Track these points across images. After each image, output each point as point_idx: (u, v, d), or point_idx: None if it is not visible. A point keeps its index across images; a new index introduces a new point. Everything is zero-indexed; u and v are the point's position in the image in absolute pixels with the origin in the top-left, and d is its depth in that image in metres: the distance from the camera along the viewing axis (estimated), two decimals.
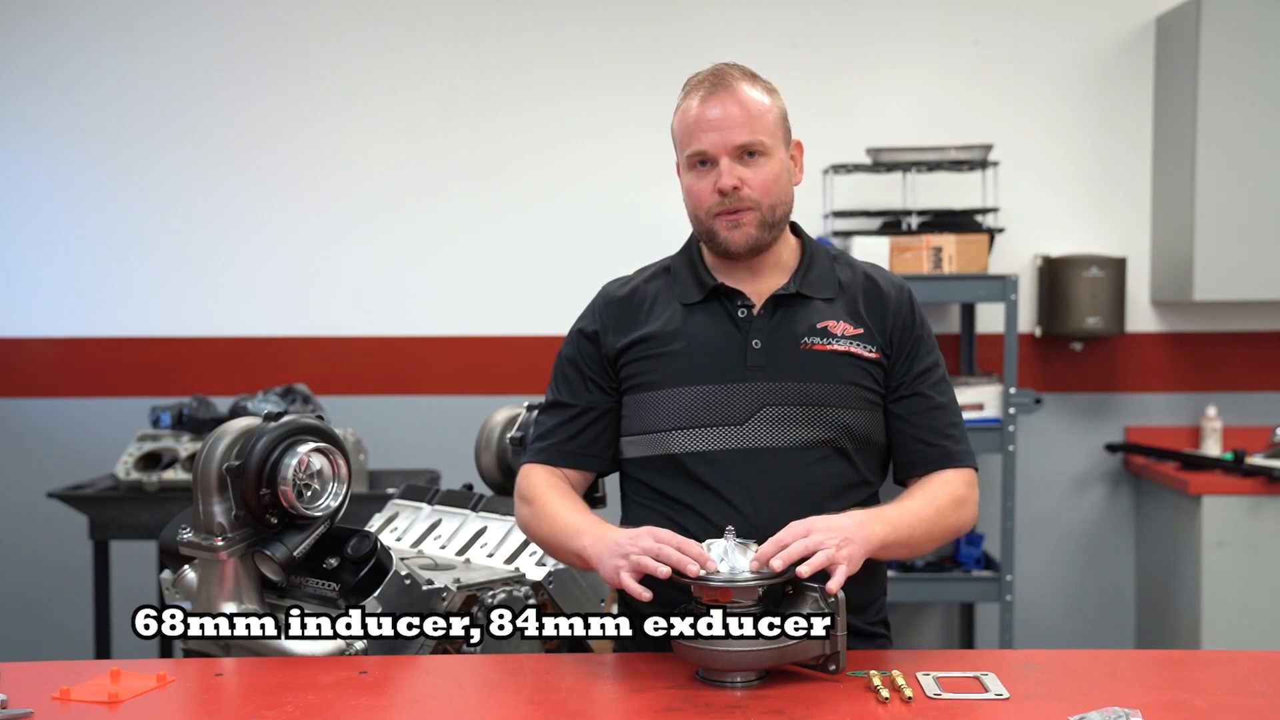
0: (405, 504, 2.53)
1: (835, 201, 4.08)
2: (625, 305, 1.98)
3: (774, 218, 1.89)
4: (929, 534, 1.84)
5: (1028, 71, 4.21)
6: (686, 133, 1.88)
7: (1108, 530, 4.30)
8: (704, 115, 1.86)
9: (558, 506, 1.89)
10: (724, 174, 1.85)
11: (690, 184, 1.90)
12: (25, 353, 4.33)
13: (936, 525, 1.86)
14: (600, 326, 1.97)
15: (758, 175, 1.86)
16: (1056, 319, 4.10)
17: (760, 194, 1.86)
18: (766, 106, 1.88)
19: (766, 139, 1.86)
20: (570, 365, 2.00)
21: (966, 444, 1.95)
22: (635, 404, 1.94)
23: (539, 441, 2.01)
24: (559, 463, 1.98)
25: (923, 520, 1.83)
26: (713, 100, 1.86)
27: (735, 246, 1.88)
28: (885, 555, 1.79)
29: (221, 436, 1.93)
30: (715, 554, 1.66)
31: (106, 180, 4.31)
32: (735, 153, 1.85)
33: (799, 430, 1.87)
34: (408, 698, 1.67)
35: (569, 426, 1.98)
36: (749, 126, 1.85)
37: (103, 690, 1.64)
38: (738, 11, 4.22)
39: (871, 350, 1.91)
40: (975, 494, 1.94)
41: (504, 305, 4.29)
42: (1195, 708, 1.55)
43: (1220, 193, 3.91)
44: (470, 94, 4.26)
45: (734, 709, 1.55)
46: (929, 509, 1.85)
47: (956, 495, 1.90)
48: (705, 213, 1.89)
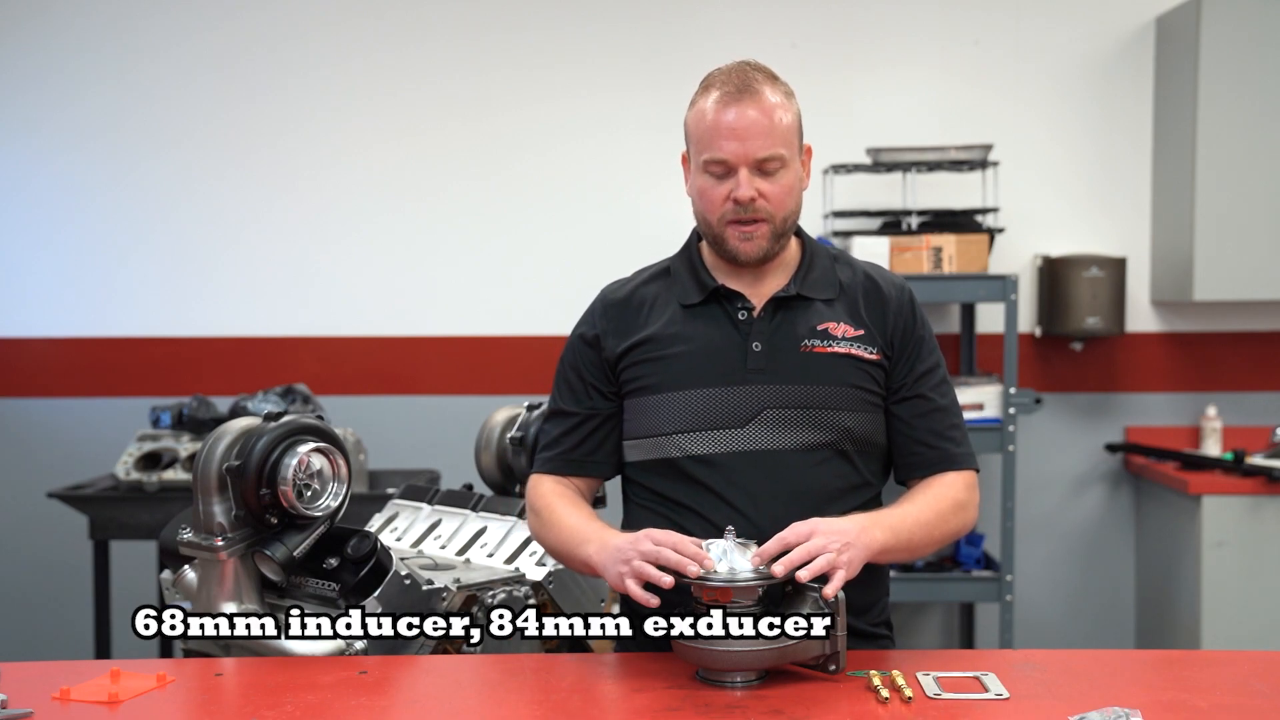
0: (405, 504, 2.53)
1: (835, 201, 4.08)
2: (624, 308, 1.97)
3: (784, 229, 1.89)
4: (929, 538, 1.84)
5: (1028, 71, 4.21)
6: (705, 135, 1.84)
7: (1108, 530, 4.30)
8: (725, 120, 1.81)
9: (563, 515, 1.89)
10: (743, 185, 1.82)
11: (705, 188, 1.87)
12: (25, 353, 4.33)
13: (937, 529, 1.85)
14: (600, 331, 1.97)
15: (775, 188, 1.84)
16: (1056, 319, 4.10)
17: (776, 207, 1.85)
18: (787, 114, 1.84)
19: (785, 151, 1.83)
20: (572, 372, 1.99)
21: (968, 445, 1.95)
22: (636, 408, 1.94)
23: (545, 451, 2.00)
24: (565, 472, 1.98)
25: (923, 525, 1.83)
26: (736, 105, 1.81)
27: (745, 257, 1.88)
28: (885, 559, 1.79)
29: (221, 436, 1.93)
30: (715, 554, 1.66)
31: (106, 180, 4.31)
32: (754, 165, 1.82)
33: (800, 433, 1.87)
34: (408, 698, 1.67)
35: (573, 435, 1.97)
36: (770, 139, 1.81)
37: (103, 690, 1.64)
38: (737, 11, 4.22)
39: (872, 352, 1.90)
40: (976, 496, 1.93)
41: (504, 305, 4.29)
42: (1195, 708, 1.55)
43: (1220, 193, 3.91)
44: (470, 94, 4.26)
45: (734, 709, 1.55)
46: (929, 513, 1.85)
47: (957, 499, 1.89)
48: (717, 219, 1.87)
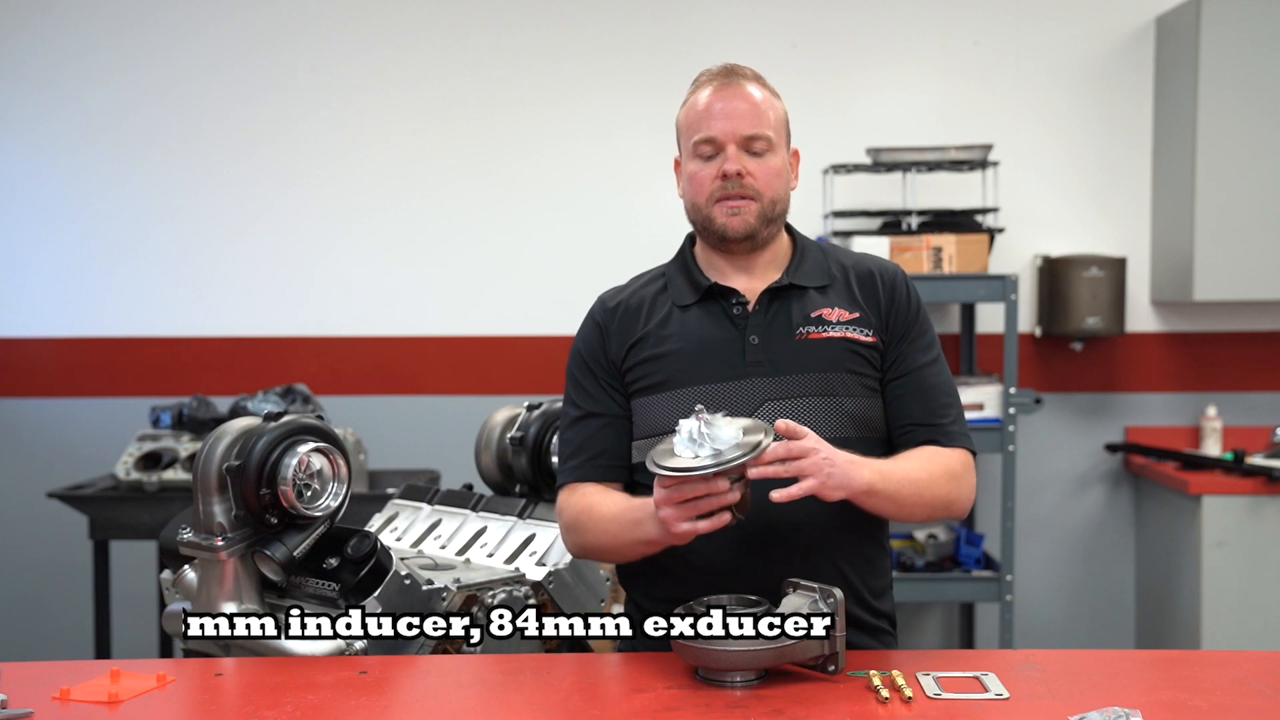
0: (405, 504, 2.53)
1: (835, 201, 4.08)
2: (623, 311, 1.98)
3: (773, 213, 1.92)
4: (918, 497, 1.82)
5: (1028, 71, 4.21)
6: (694, 121, 1.91)
7: (1108, 530, 4.30)
8: (714, 105, 1.89)
9: (603, 514, 1.87)
10: (730, 159, 1.88)
11: (694, 171, 1.92)
12: (25, 353, 4.33)
13: (927, 490, 1.83)
14: (603, 334, 1.98)
15: (762, 168, 1.89)
16: (1056, 319, 4.10)
17: (763, 186, 1.89)
18: (773, 106, 1.92)
19: (772, 134, 1.90)
20: (585, 374, 1.99)
21: (963, 426, 1.94)
22: (640, 408, 1.94)
23: (570, 460, 1.98)
24: (594, 478, 1.95)
25: (912, 481, 1.82)
26: (724, 92, 1.89)
27: (732, 232, 1.90)
28: (869, 503, 1.78)
29: (221, 436, 1.93)
30: (683, 437, 1.65)
31: (106, 180, 4.31)
32: (742, 143, 1.88)
33: (801, 422, 1.87)
34: (408, 698, 1.67)
35: (597, 439, 1.96)
36: (758, 120, 1.89)
37: (103, 690, 1.64)
38: (738, 11, 4.22)
39: (868, 334, 1.92)
40: (972, 476, 1.92)
41: (504, 305, 4.28)
42: (1195, 708, 1.55)
43: (1220, 193, 3.91)
44: (470, 94, 4.26)
45: (734, 709, 1.55)
46: (921, 473, 1.84)
47: (951, 468, 1.88)
48: (705, 199, 1.90)
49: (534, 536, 2.28)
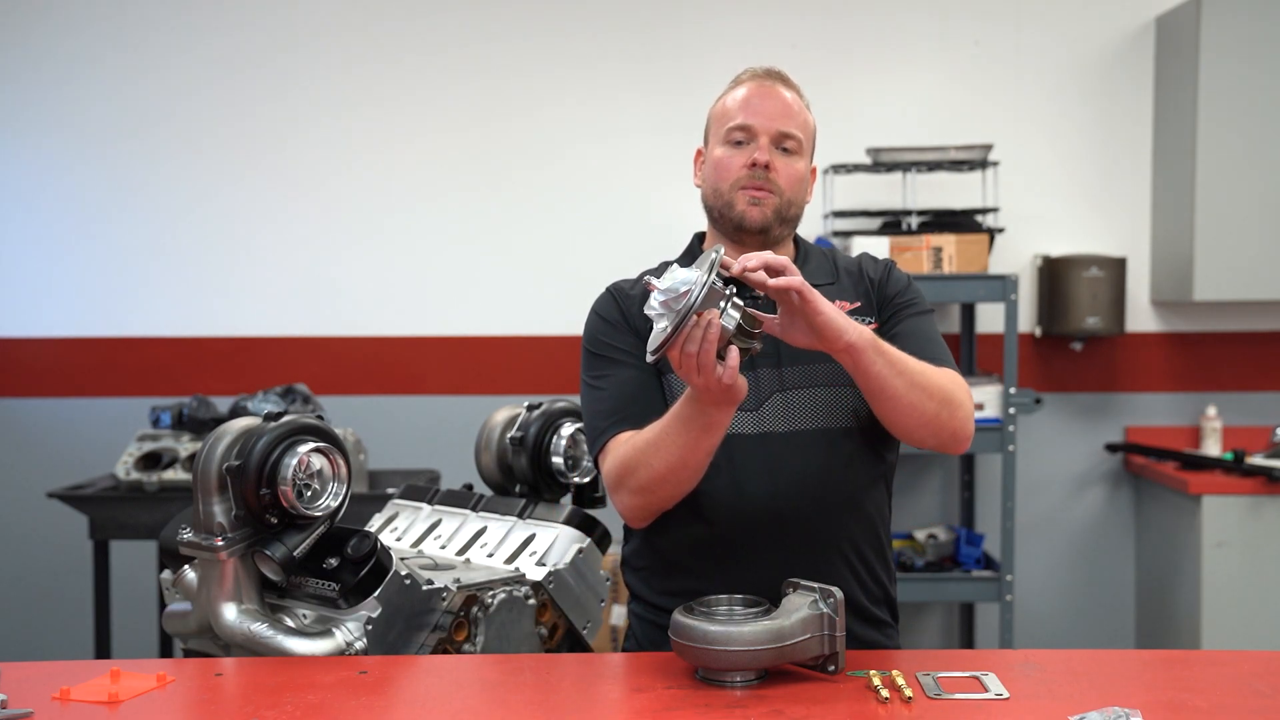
0: (405, 504, 2.53)
1: (835, 201, 4.08)
2: (634, 299, 1.98)
3: (789, 214, 1.95)
4: (912, 380, 1.77)
5: (1028, 71, 4.21)
6: (732, 109, 1.95)
7: (1108, 530, 4.30)
8: (753, 97, 1.94)
9: (650, 436, 1.79)
10: (761, 149, 1.91)
11: (722, 156, 1.94)
12: (25, 353, 4.33)
13: (921, 378, 1.78)
14: (622, 311, 1.98)
15: (788, 167, 1.93)
16: (1056, 319, 4.11)
17: (786, 185, 1.92)
18: (807, 116, 1.98)
19: (803, 138, 1.95)
20: (604, 338, 1.96)
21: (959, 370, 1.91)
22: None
23: (603, 420, 1.90)
24: (631, 426, 1.86)
25: (909, 363, 1.78)
26: (766, 89, 1.95)
27: (750, 222, 1.91)
28: (863, 361, 1.73)
29: (221, 436, 1.93)
30: (655, 315, 1.63)
31: (106, 181, 4.31)
32: (776, 137, 1.93)
33: (810, 413, 1.89)
34: (408, 698, 1.67)
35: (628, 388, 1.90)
36: (792, 119, 1.94)
37: (103, 690, 1.64)
38: (738, 11, 4.22)
39: (870, 321, 1.92)
40: (969, 401, 1.88)
41: (504, 306, 4.29)
42: (1195, 708, 1.55)
43: (1220, 193, 3.91)
44: (472, 98, 4.26)
45: (734, 709, 1.55)
46: (916, 363, 1.80)
47: (947, 375, 1.84)
48: (730, 185, 1.92)
49: (534, 536, 2.28)
